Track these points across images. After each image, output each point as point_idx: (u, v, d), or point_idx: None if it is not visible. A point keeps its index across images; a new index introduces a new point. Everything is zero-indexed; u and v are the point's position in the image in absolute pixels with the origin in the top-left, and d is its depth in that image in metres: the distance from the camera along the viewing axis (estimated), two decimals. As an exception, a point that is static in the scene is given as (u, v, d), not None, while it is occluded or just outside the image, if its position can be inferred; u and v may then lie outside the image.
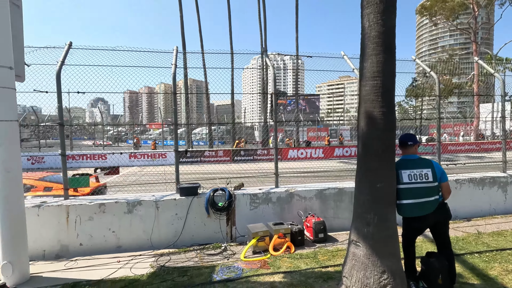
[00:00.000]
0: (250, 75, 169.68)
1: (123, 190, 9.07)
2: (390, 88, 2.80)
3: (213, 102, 62.28)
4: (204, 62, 17.19)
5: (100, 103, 49.00)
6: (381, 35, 2.72)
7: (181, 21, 21.74)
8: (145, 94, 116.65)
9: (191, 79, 22.16)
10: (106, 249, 4.40)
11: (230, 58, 19.11)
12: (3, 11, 3.33)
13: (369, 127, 2.80)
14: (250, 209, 4.86)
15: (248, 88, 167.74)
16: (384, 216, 2.77)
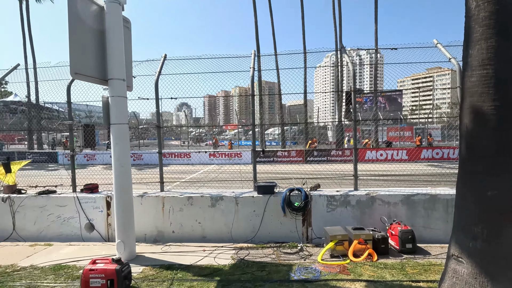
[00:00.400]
0: (323, 74, 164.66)
1: (205, 185, 9.94)
2: (506, 78, 2.33)
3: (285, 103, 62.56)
4: (277, 63, 17.44)
5: (184, 107, 54.85)
6: (493, 16, 2.29)
7: (255, 27, 22.57)
8: (222, 97, 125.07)
9: (263, 81, 23.03)
10: (193, 238, 4.90)
11: (303, 57, 18.93)
12: (119, 34, 4.03)
13: (476, 124, 2.39)
14: (327, 211, 4.71)
15: (320, 87, 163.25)
16: (497, 231, 2.32)
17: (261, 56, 16.17)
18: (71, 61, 3.54)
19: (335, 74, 23.38)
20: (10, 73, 6.16)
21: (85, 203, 5.06)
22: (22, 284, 3.47)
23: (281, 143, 22.65)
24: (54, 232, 5.12)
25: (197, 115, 46.07)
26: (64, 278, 3.63)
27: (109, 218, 5.03)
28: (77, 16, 3.62)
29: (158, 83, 5.35)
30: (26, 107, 24.07)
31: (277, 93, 22.11)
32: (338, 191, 4.93)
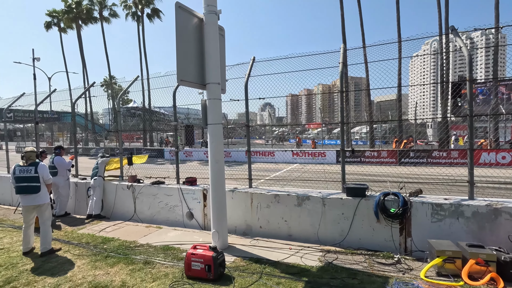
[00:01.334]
0: (421, 64, 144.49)
1: (288, 184, 10.01)
2: None
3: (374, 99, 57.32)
4: (366, 57, 16.15)
5: (268, 107, 56.85)
6: None
7: (342, 20, 21.45)
8: (304, 96, 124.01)
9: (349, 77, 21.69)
10: (279, 235, 4.97)
11: (397, 47, 17.05)
12: (215, 42, 4.41)
13: None
14: (432, 221, 4.08)
15: (417, 79, 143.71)
16: None
17: (347, 51, 15.29)
18: (178, 70, 4.06)
19: (437, 62, 20.12)
20: (132, 84, 7.51)
21: (186, 194, 5.75)
22: (141, 258, 4.18)
23: (369, 143, 20.92)
24: (163, 217, 6.00)
25: (279, 115, 47.06)
26: (171, 257, 4.20)
27: (205, 209, 5.58)
28: (182, 29, 4.12)
29: (248, 84, 5.63)
30: (142, 112, 29.03)
31: (365, 89, 20.52)
32: (447, 199, 4.21)
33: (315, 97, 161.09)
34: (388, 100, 26.35)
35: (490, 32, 74.83)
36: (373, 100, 38.46)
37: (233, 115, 29.05)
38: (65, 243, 4.98)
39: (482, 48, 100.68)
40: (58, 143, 30.68)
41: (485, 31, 5.80)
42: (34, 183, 4.47)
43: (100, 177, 6.62)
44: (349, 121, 24.28)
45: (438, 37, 18.86)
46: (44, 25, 32.97)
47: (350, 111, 41.19)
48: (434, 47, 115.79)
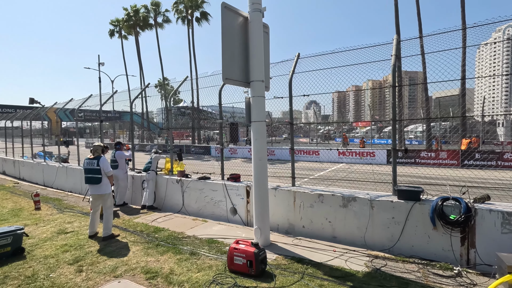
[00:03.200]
0: (490, 54, 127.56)
1: (333, 184, 9.66)
2: None
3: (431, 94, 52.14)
4: (423, 48, 14.78)
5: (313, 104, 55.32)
6: None
7: (395, 9, 19.93)
8: (352, 92, 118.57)
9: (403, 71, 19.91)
10: (323, 236, 4.82)
11: (462, 35, 15.37)
12: (260, 39, 4.42)
13: None
14: (503, 232, 3.57)
15: (485, 71, 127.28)
16: None
17: (401, 42, 14.20)
18: (223, 69, 4.16)
19: (511, 51, 17.51)
20: (182, 84, 7.94)
21: (230, 190, 5.90)
22: (188, 249, 4.41)
23: (425, 142, 19.14)
24: (208, 211, 6.24)
25: (325, 113, 45.60)
26: (215, 250, 4.36)
27: (248, 205, 5.66)
28: (228, 29, 4.21)
29: (292, 81, 5.54)
30: (191, 111, 30.59)
31: (422, 83, 18.81)
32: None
33: (364, 94, 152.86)
34: (449, 95, 23.80)
35: None
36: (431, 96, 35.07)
37: (278, 114, 28.93)
38: (122, 230, 5.49)
39: None
40: (118, 140, 34.02)
41: None
42: (96, 174, 5.01)
43: (153, 171, 7.15)
44: (402, 118, 22.56)
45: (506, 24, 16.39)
46: (108, 33, 36.69)
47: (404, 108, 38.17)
48: (508, 34, 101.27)
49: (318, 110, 47.20)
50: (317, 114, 29.16)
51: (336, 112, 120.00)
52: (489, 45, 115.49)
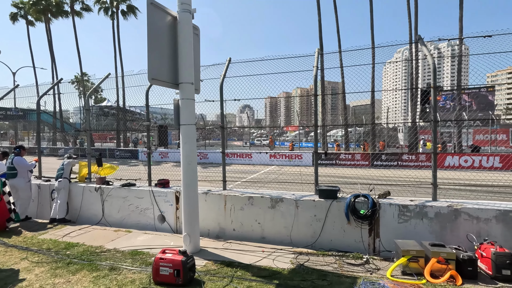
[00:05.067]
0: (393, 70, 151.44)
1: (264, 186, 10.03)
2: None
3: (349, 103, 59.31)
4: (342, 61, 16.65)
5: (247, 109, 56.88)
6: None
7: (319, 25, 21.96)
8: (283, 98, 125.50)
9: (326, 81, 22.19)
10: (253, 238, 4.94)
11: (371, 53, 17.61)
12: (189, 41, 4.32)
13: None
14: (399, 222, 4.23)
15: (390, 85, 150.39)
16: None
17: (324, 55, 15.63)
18: (149, 68, 3.93)
19: (408, 70, 21.16)
20: (103, 82, 7.19)
21: (158, 196, 5.57)
22: (107, 264, 3.98)
23: (344, 146, 21.53)
24: (133, 220, 5.77)
25: (258, 117, 47.14)
26: (139, 262, 4.04)
27: (178, 212, 5.43)
28: (155, 28, 4.00)
29: (223, 85, 5.57)
30: (116, 111, 27.93)
31: (341, 93, 21.11)
32: (412, 200, 4.39)
33: (294, 100, 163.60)
34: (362, 104, 27.11)
35: (455, 43, 79.79)
36: (348, 105, 39.62)
37: (212, 116, 28.68)
38: (23, 250, 4.64)
39: (448, 58, 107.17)
40: (22, 143, 28.77)
41: (450, 41, 6.15)
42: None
43: (66, 179, 6.26)
44: (324, 124, 24.87)
45: (408, 46, 19.81)
46: (9, 16, 30.87)
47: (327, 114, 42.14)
48: (405, 55, 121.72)
49: (252, 114, 48.44)
50: (251, 118, 29.89)
51: (268, 117, 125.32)
52: (392, 63, 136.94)
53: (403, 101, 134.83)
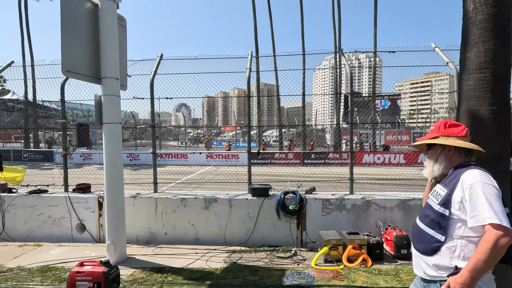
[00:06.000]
0: (322, 76, 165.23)
1: (200, 187, 9.86)
2: (504, 81, 2.29)
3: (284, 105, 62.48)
4: (276, 65, 17.45)
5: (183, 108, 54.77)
6: (491, 18, 2.26)
7: (255, 28, 22.58)
8: (221, 98, 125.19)
9: (262, 83, 22.90)
10: (186, 240, 4.81)
11: (302, 59, 18.81)
12: (113, 31, 3.97)
13: (473, 129, 2.34)
14: (322, 214, 4.65)
15: (319, 89, 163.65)
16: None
17: (259, 58, 16.13)
18: (62, 59, 3.48)
19: (334, 76, 23.40)
20: (4, 70, 6.08)
21: (76, 203, 4.97)
22: (8, 286, 3.38)
23: (279, 145, 22.60)
24: (45, 232, 5.02)
25: (195, 116, 45.97)
26: (51, 280, 3.55)
27: (101, 219, 4.94)
28: (70, 13, 3.56)
29: (154, 82, 5.28)
30: (23, 105, 23.90)
31: (274, 95, 22.10)
32: (334, 194, 4.88)
33: (232, 100, 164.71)
34: (295, 107, 28.73)
35: (372, 55, 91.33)
36: (283, 106, 41.72)
37: (145, 115, 26.82)
38: None
39: (366, 68, 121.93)
40: None
41: (368, 53, 6.99)
42: None
43: (-51, 187, 5.09)
44: (260, 124, 25.68)
45: (333, 55, 21.92)
46: None
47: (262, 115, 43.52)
48: (332, 63, 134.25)
49: (188, 113, 47.01)
50: (187, 117, 29.00)
51: (206, 116, 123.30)
52: (321, 70, 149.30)
53: (330, 105, 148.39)
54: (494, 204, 1.40)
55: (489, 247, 1.34)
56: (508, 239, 1.34)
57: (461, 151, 1.68)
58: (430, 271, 1.58)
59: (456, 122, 1.76)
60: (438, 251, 1.54)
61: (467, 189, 1.48)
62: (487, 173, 1.54)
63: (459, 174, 1.58)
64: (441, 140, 1.70)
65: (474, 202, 1.44)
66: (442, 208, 1.57)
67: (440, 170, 1.70)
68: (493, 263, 1.36)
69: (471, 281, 1.36)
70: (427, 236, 1.62)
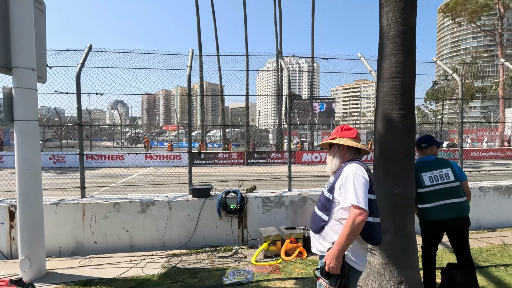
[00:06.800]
0: (265, 78, 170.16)
1: (138, 190, 9.24)
2: (410, 90, 2.68)
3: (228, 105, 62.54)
4: (220, 64, 17.37)
5: (119, 105, 50.51)
6: (401, 34, 2.62)
7: (198, 26, 22.10)
8: (162, 96, 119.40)
9: (206, 83, 22.60)
10: (120, 248, 4.46)
11: (245, 60, 19.11)
12: (28, 15, 3.46)
13: (387, 130, 2.69)
14: (262, 212, 4.80)
15: (263, 90, 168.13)
16: (403, 224, 2.64)
17: (202, 56, 15.85)
18: (-43, 42, 2.90)
19: (276, 79, 24.31)
20: None
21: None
22: None
23: (222, 145, 22.53)
24: None
25: (134, 114, 42.79)
26: None
27: (13, 231, 4.26)
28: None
29: (81, 76, 4.77)
30: None
31: (219, 94, 21.99)
32: (273, 192, 5.07)
33: (174, 98, 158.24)
34: (239, 107, 29.02)
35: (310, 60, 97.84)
36: (227, 106, 41.69)
37: (72, 111, 24.07)
38: None
39: (306, 72, 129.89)
40: None
41: (307, 59, 7.44)
42: None
43: None
44: (203, 124, 25.26)
45: (275, 58, 22.80)
46: None
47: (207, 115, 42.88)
48: (275, 66, 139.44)
49: (125, 111, 43.59)
50: (124, 115, 26.93)
51: (145, 115, 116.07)
52: (265, 72, 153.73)
53: (273, 106, 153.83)
54: (359, 190, 1.71)
55: (349, 224, 1.65)
56: (362, 217, 1.64)
57: (351, 150, 2.01)
58: (320, 247, 1.88)
59: (349, 126, 2.09)
60: (323, 230, 1.85)
61: (344, 178, 1.82)
62: (362, 166, 1.87)
63: (343, 167, 1.90)
64: (338, 140, 2.02)
65: (345, 188, 1.77)
66: (328, 193, 1.90)
67: (337, 165, 2.00)
68: (353, 237, 1.67)
69: (338, 253, 1.66)
70: (317, 217, 1.92)
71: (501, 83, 24.92)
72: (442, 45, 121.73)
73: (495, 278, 3.48)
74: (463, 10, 28.24)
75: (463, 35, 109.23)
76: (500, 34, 27.40)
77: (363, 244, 1.82)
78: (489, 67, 35.56)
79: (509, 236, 4.96)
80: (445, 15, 31.54)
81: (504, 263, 3.86)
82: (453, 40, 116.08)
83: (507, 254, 4.17)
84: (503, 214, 5.51)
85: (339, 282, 1.67)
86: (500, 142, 24.46)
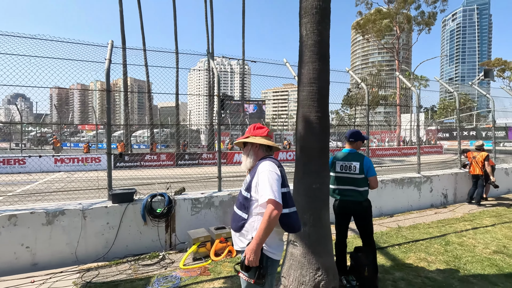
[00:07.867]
0: (197, 77, 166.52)
1: (44, 199, 7.94)
2: (325, 95, 2.98)
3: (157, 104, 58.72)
4: (146, 60, 16.27)
5: (19, 99, 42.15)
6: (317, 44, 2.89)
7: (120, 15, 20.23)
8: (77, 91, 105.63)
9: (132, 79, 20.67)
10: (18, 269, 3.76)
11: (175, 58, 18.44)
12: None
13: (306, 131, 2.94)
14: (192, 214, 4.68)
15: (194, 90, 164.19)
16: (319, 216, 2.92)
17: (126, 49, 14.61)
18: None
19: (208, 78, 24.02)
20: None
21: None
22: None
23: (150, 146, 21.13)
24: None
25: (39, 111, 36.37)
26: None
27: None
28: None
29: (-41, 61, 3.85)
30: None
31: (145, 92, 20.56)
32: (203, 193, 4.99)
33: (92, 94, 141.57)
34: (169, 106, 27.64)
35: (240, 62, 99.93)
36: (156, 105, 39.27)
37: None
38: None
39: (237, 74, 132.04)
40: None
41: (238, 61, 7.53)
42: None
43: None
44: (128, 123, 23.30)
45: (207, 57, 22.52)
46: None
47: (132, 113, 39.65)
48: (207, 65, 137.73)
49: (28, 107, 37.23)
50: (26, 111, 22.87)
51: (56, 112, 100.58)
52: (196, 71, 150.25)
53: (205, 106, 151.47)
54: (273, 186, 1.82)
55: (266, 219, 1.77)
56: (277, 211, 1.76)
57: (263, 147, 2.14)
58: (240, 243, 1.95)
59: (261, 125, 2.22)
60: (244, 227, 1.94)
61: (259, 175, 1.91)
62: (274, 163, 2.01)
63: (258, 165, 2.01)
64: (251, 139, 2.12)
65: (261, 185, 1.86)
66: (246, 192, 1.99)
67: (251, 163, 2.12)
68: (270, 229, 1.79)
69: (256, 247, 1.75)
70: (237, 216, 2.01)
71: (398, 93, 29.87)
72: (355, 57, 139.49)
73: (392, 255, 4.15)
74: (371, 29, 32.89)
75: (371, 50, 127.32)
76: (397, 51, 32.84)
77: (279, 235, 1.95)
78: (389, 79, 42.23)
79: (402, 220, 5.97)
80: (357, 32, 36.18)
81: (398, 243, 4.63)
82: (364, 54, 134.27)
83: (401, 235, 5.01)
84: (399, 202, 6.60)
85: (257, 274, 1.76)
86: (397, 142, 29.29)
